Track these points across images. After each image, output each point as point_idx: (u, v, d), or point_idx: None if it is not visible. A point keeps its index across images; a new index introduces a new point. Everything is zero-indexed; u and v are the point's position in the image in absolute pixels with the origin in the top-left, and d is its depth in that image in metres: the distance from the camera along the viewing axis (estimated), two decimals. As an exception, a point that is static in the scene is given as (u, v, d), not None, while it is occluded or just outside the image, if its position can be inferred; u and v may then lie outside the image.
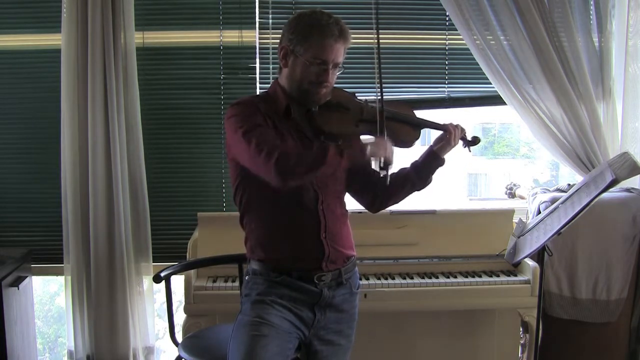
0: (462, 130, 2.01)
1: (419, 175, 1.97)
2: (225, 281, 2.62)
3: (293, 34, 1.80)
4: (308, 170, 1.69)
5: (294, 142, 1.81)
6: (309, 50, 1.77)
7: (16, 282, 2.82)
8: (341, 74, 1.88)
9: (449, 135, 1.95)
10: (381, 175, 1.74)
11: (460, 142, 2.04)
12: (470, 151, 2.11)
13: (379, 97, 1.86)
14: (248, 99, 1.88)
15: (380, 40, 3.15)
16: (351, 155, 1.69)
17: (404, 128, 1.97)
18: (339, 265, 1.88)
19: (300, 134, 1.85)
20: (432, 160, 1.97)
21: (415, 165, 1.99)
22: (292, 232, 1.83)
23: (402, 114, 1.99)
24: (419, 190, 2.01)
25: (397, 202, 2.05)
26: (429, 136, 2.13)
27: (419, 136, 1.99)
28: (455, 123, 2.00)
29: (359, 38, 3.07)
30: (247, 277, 1.92)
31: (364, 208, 2.07)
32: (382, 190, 1.98)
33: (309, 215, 1.83)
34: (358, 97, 1.97)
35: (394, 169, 1.78)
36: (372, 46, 3.07)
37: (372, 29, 3.08)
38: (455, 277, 2.68)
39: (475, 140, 2.10)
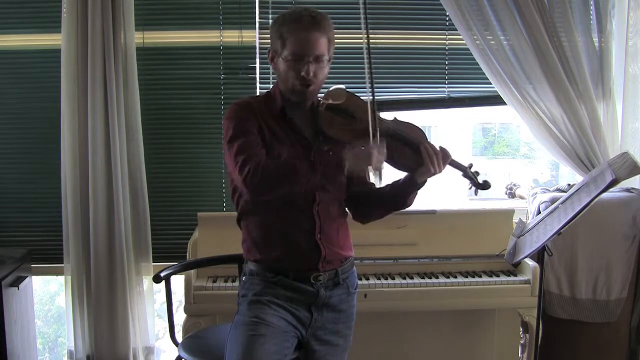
0: (447, 158, 1.82)
1: (397, 196, 1.91)
2: (225, 281, 2.62)
3: (273, 36, 1.80)
4: (278, 185, 1.70)
5: (283, 150, 1.80)
6: (286, 48, 1.77)
7: (16, 282, 2.82)
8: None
9: (425, 160, 1.79)
10: (376, 185, 1.69)
11: (468, 182, 1.96)
12: (476, 194, 1.97)
13: (372, 100, 1.81)
14: (246, 101, 1.88)
15: (381, 40, 3.19)
16: (328, 173, 1.70)
17: (404, 150, 1.84)
18: (335, 266, 1.88)
19: (297, 134, 1.85)
20: (409, 183, 1.86)
21: (394, 186, 1.92)
22: (288, 233, 1.83)
23: (410, 136, 1.85)
24: (398, 210, 1.96)
25: (379, 218, 2.01)
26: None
27: (422, 163, 1.80)
28: (438, 148, 1.82)
29: (358, 38, 3.10)
30: (243, 278, 1.92)
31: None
32: (363, 204, 1.98)
33: (304, 217, 1.83)
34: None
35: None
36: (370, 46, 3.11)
37: (370, 29, 3.10)
38: (455, 277, 2.67)
39: (485, 185, 1.96)
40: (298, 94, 1.81)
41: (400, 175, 1.90)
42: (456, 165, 1.96)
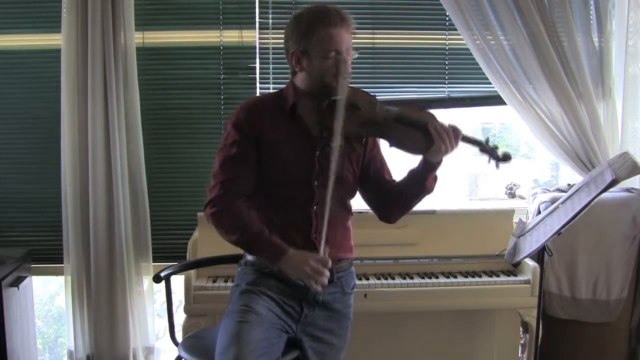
0: (458, 134, 1.79)
1: (417, 183, 1.88)
2: (225, 281, 2.62)
3: (298, 35, 1.80)
4: (229, 238, 1.83)
5: (288, 148, 1.83)
6: (320, 45, 1.77)
7: (16, 282, 2.82)
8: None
9: (435, 138, 1.77)
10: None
11: (488, 157, 1.86)
12: (497, 167, 1.85)
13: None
14: (254, 103, 1.89)
15: (380, 40, 3.20)
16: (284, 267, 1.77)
17: (413, 132, 1.81)
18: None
19: (304, 132, 1.86)
20: (424, 166, 1.85)
21: (410, 173, 1.91)
22: (285, 230, 1.84)
23: (417, 117, 1.81)
24: (423, 197, 1.91)
25: (406, 211, 1.97)
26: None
27: (433, 142, 1.77)
28: (447, 125, 1.79)
29: (358, 38, 3.09)
30: (239, 269, 1.95)
31: (370, 210, 2.04)
32: (386, 201, 1.97)
33: (301, 215, 1.85)
34: (377, 99, 1.87)
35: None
36: (369, 46, 3.11)
37: (370, 29, 3.11)
38: (455, 277, 2.67)
39: (506, 157, 1.84)
40: (332, 89, 1.78)
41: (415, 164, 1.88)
42: (471, 141, 1.87)
